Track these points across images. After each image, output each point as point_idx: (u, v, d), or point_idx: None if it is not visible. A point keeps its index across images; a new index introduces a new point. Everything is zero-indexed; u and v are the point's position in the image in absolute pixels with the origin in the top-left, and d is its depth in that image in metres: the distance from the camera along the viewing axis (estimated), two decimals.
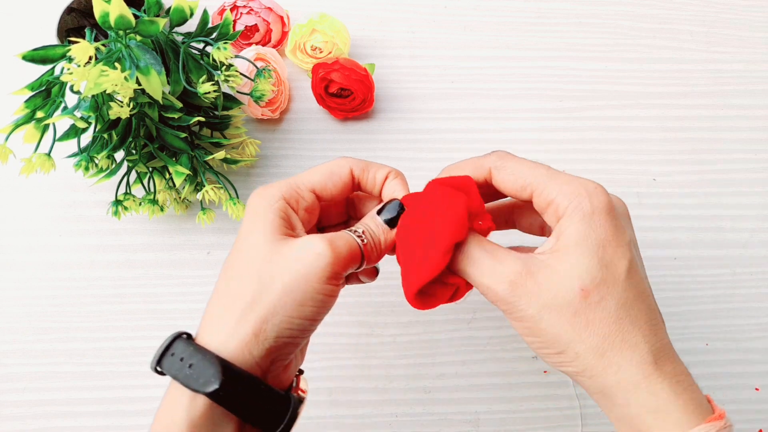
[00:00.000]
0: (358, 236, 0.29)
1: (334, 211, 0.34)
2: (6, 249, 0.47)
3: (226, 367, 0.25)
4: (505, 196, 0.31)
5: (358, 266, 0.29)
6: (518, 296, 0.26)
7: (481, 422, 0.45)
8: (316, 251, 0.27)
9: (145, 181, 0.44)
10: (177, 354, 0.26)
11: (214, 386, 0.25)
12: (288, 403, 0.27)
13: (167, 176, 0.44)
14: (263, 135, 0.51)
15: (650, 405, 0.25)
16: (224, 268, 0.29)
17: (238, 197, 0.44)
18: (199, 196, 0.42)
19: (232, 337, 0.26)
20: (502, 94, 0.54)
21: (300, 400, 0.28)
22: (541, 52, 0.55)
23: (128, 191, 0.44)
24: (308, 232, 0.31)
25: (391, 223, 0.30)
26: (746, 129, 0.55)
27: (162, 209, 0.45)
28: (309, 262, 0.27)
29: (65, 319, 0.46)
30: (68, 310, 0.46)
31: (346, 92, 0.49)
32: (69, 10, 0.46)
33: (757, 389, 0.48)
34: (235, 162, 0.46)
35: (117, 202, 0.43)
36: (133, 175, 0.44)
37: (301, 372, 0.31)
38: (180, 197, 0.46)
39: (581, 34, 0.56)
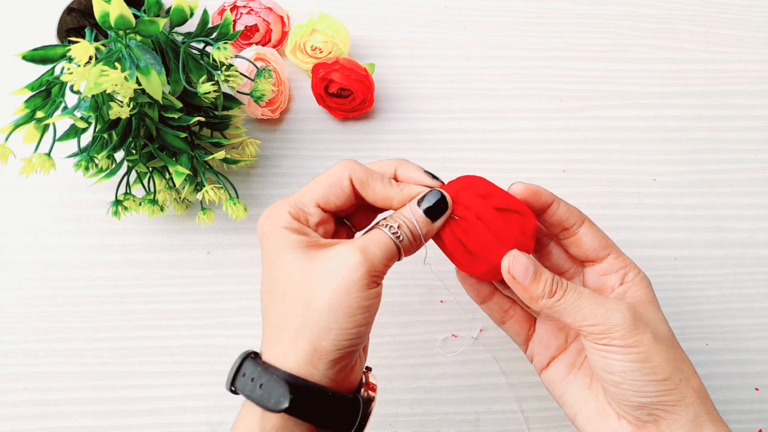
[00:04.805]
0: (394, 233, 0.29)
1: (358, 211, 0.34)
2: (6, 249, 0.47)
3: (293, 384, 0.26)
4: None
5: (396, 261, 0.30)
6: (637, 324, 0.29)
7: (481, 422, 0.45)
8: (350, 263, 0.27)
9: (145, 181, 0.44)
10: (247, 374, 0.28)
11: (284, 405, 0.26)
12: (358, 405, 0.29)
13: (167, 176, 0.44)
14: (263, 135, 0.51)
15: None
16: (264, 290, 0.30)
17: (238, 197, 0.44)
18: (199, 196, 0.42)
19: (293, 355, 0.27)
20: (502, 94, 0.54)
21: (369, 399, 0.30)
22: (541, 52, 0.55)
23: (128, 191, 0.44)
24: (334, 236, 0.32)
25: (433, 214, 0.30)
26: (746, 129, 0.55)
27: (162, 209, 0.45)
28: (346, 276, 0.27)
29: (65, 319, 0.46)
30: (68, 310, 0.46)
31: (346, 92, 0.49)
32: (69, 10, 0.46)
33: (757, 389, 0.48)
34: (235, 162, 0.46)
35: (117, 202, 0.43)
36: (133, 175, 0.44)
37: (368, 369, 0.32)
38: (180, 197, 0.46)
39: (581, 34, 0.56)
